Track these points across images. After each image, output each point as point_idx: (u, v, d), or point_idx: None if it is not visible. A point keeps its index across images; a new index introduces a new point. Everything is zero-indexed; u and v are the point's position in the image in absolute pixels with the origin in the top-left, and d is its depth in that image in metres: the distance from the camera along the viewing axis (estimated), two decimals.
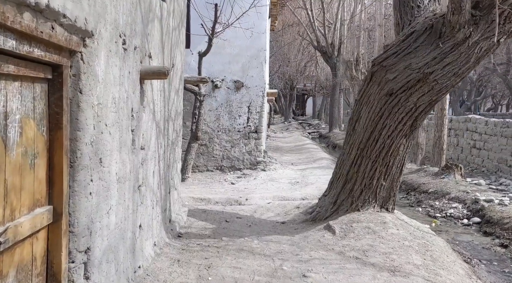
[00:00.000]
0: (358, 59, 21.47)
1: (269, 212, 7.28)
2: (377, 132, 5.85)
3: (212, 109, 11.37)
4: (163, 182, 5.52)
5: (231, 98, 11.37)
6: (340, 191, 6.18)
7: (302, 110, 53.66)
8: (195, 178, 10.61)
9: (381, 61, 5.88)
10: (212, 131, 11.40)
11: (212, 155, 11.41)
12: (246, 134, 11.44)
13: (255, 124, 11.44)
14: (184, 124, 11.35)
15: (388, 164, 5.94)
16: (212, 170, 11.42)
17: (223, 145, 11.41)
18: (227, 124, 11.40)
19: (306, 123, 38.68)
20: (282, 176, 10.72)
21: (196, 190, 9.30)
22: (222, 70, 11.34)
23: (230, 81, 11.36)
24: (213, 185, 9.97)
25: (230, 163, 11.44)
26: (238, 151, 11.44)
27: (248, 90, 11.39)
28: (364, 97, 6.07)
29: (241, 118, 11.42)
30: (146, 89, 4.51)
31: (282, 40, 32.33)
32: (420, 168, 11.47)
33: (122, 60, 3.67)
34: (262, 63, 11.40)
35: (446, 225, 7.73)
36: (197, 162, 11.37)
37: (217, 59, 11.26)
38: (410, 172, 11.46)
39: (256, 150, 11.47)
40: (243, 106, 11.40)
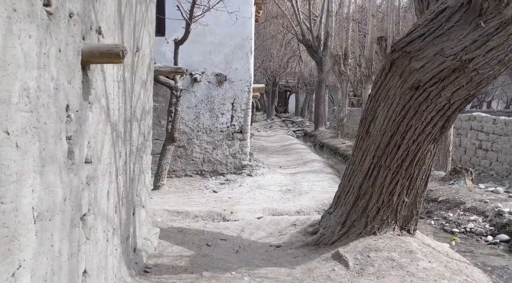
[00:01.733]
0: (347, 53, 20.33)
1: (260, 230, 6.00)
2: (399, 136, 4.63)
3: (191, 106, 10.02)
4: (124, 202, 4.18)
5: (212, 94, 10.05)
6: (350, 209, 4.94)
7: (284, 108, 52.48)
8: (171, 185, 9.27)
9: (404, 46, 4.65)
10: (191, 131, 10.06)
11: (191, 158, 10.08)
12: (229, 134, 10.14)
13: (240, 123, 10.15)
14: (158, 123, 9.99)
15: (412, 176, 4.72)
16: (191, 175, 10.09)
17: (203, 147, 10.09)
18: (208, 123, 10.08)
19: (289, 121, 37.51)
20: (271, 182, 9.46)
21: (172, 200, 7.97)
22: (202, 62, 10.00)
23: (211, 75, 10.04)
24: (192, 193, 8.65)
25: (211, 167, 10.13)
26: (220, 154, 10.13)
27: (232, 85, 10.08)
28: (381, 92, 4.84)
29: (224, 117, 10.11)
30: (94, 78, 3.17)
31: (265, 33, 31.05)
32: None
33: (44, 29, 2.34)
34: (247, 54, 10.10)
35: (467, 243, 6.58)
36: (174, 166, 10.02)
37: (196, 48, 9.93)
38: None
39: (241, 152, 10.18)
40: (226, 103, 10.10)
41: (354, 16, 20.09)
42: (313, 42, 24.60)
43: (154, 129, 10.13)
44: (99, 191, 3.39)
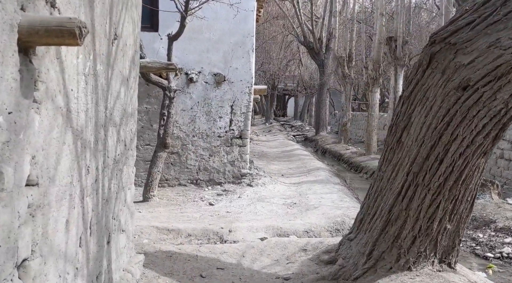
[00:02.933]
0: (351, 55, 19.46)
1: (264, 256, 5.07)
2: (442, 147, 3.71)
3: (186, 109, 9.10)
4: (94, 230, 3.25)
5: (209, 96, 9.13)
6: (378, 237, 4.01)
7: (283, 111, 51.62)
8: (163, 196, 8.33)
9: (447, 36, 3.75)
10: (186, 136, 9.13)
11: (186, 166, 9.14)
12: (228, 140, 9.21)
13: (240, 128, 9.23)
14: (150, 127, 9.08)
15: (456, 198, 3.81)
16: (186, 184, 9.16)
17: (199, 153, 9.16)
18: (204, 127, 9.15)
19: (288, 125, 36.61)
20: (273, 193, 8.53)
21: (162, 214, 7.03)
22: (199, 61, 9.09)
23: (208, 74, 9.12)
24: (186, 206, 7.71)
25: (208, 176, 9.19)
26: (218, 161, 9.20)
27: (231, 85, 9.17)
28: (418, 93, 3.93)
29: (222, 121, 9.19)
30: (43, 67, 2.24)
31: (264, 34, 30.19)
32: None
33: None
34: (248, 53, 9.19)
35: (506, 271, 5.66)
36: (167, 174, 9.09)
37: (193, 46, 9.02)
38: None
39: (241, 160, 9.25)
40: (224, 106, 9.18)
41: (359, 16, 19.23)
42: (315, 44, 23.74)
43: (145, 134, 9.23)
44: (52, 222, 2.45)
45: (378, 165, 4.41)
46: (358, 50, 22.07)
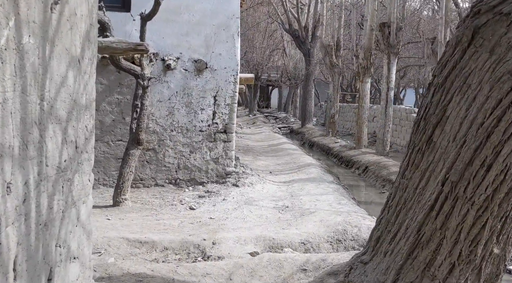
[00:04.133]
0: (339, 43, 18.61)
1: (255, 279, 4.17)
2: (490, 150, 2.84)
3: (163, 100, 8.11)
4: (21, 271, 2.30)
5: (190, 85, 8.16)
6: (403, 263, 3.15)
7: (267, 102, 50.66)
8: (137, 199, 7.37)
9: (497, 4, 2.87)
10: (163, 130, 8.15)
11: (163, 164, 8.18)
12: (211, 135, 8.27)
13: (224, 121, 8.28)
14: (122, 120, 8.07)
15: (507, 214, 2.96)
16: (163, 185, 8.20)
17: (178, 150, 8.20)
18: (184, 121, 8.19)
19: (272, 117, 35.69)
20: (262, 194, 7.64)
21: (135, 222, 6.08)
22: (177, 45, 8.09)
23: (188, 61, 8.14)
24: (163, 210, 6.77)
25: (188, 175, 8.25)
26: (200, 158, 8.26)
27: (214, 73, 8.20)
28: (456, 79, 3.05)
29: (204, 113, 8.23)
30: None
31: (247, 22, 29.14)
32: None
33: None
34: (233, 36, 8.22)
35: None
36: (142, 173, 8.11)
37: (170, 29, 8.02)
38: None
39: (225, 157, 8.32)
40: (207, 96, 8.22)
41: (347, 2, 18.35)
42: (301, 32, 22.83)
43: (117, 128, 8.22)
44: None
45: (400, 170, 3.53)
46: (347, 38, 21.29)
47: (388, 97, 13.03)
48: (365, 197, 9.30)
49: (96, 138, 7.97)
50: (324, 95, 36.86)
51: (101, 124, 7.94)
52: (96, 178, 8.01)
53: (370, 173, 11.15)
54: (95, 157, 8.20)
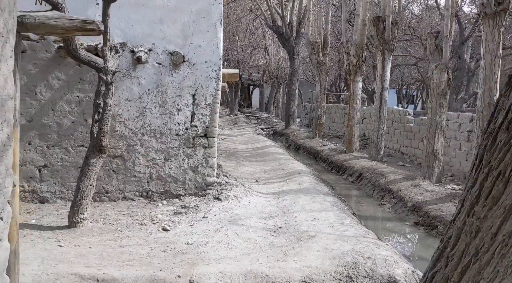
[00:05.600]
0: (326, 40, 17.61)
1: None
2: None
3: (132, 99, 6.91)
4: None
5: (164, 81, 6.98)
6: None
7: (248, 102, 49.49)
8: (99, 216, 6.15)
9: None
10: (132, 134, 6.95)
11: (133, 174, 6.98)
12: (189, 139, 7.10)
13: (205, 124, 7.13)
14: (85, 122, 6.84)
15: None
16: (133, 198, 6.99)
17: (151, 157, 7.01)
18: (158, 123, 7.00)
19: (254, 117, 34.52)
20: (249, 210, 6.51)
21: (93, 250, 4.88)
22: (150, 35, 6.90)
23: (162, 53, 6.95)
24: (130, 232, 5.57)
25: (162, 187, 7.06)
26: (176, 167, 7.08)
27: (192, 68, 7.04)
28: None
29: (181, 114, 7.06)
30: None
31: (229, 18, 27.99)
32: (450, 194, 7.70)
33: None
34: (215, 25, 7.07)
35: None
36: (108, 185, 6.90)
37: (141, 15, 6.83)
38: (437, 198, 7.67)
39: (206, 165, 7.17)
40: (184, 95, 7.05)
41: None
42: (285, 29, 21.79)
43: (77, 132, 6.97)
44: None
45: (462, 202, 2.44)
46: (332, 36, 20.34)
47: (382, 97, 12.05)
48: (364, 210, 8.26)
49: (53, 144, 6.71)
50: (307, 95, 35.93)
51: (58, 127, 6.69)
52: (53, 190, 6.76)
53: (365, 181, 10.13)
54: (51, 166, 6.85)
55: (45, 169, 6.70)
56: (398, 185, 8.84)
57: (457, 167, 10.67)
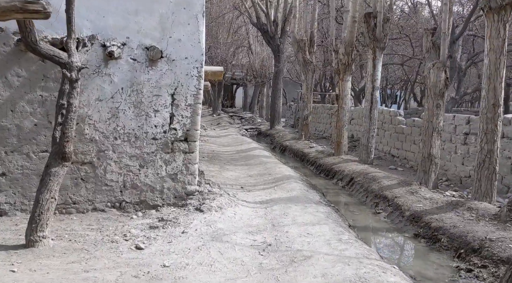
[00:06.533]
0: (313, 38, 17.02)
1: None
2: None
3: (103, 98, 6.17)
4: None
5: (140, 79, 6.26)
6: None
7: (231, 102, 48.71)
8: (64, 231, 5.41)
9: None
10: (104, 138, 6.21)
11: (104, 182, 6.24)
12: (167, 144, 6.40)
13: (185, 126, 6.43)
14: (49, 125, 6.01)
15: None
16: (104, 209, 6.26)
17: (124, 164, 6.29)
18: (132, 126, 6.28)
19: (238, 117, 33.78)
20: (234, 223, 5.83)
21: (51, 275, 4.16)
22: (123, 27, 6.17)
23: (138, 48, 6.24)
24: (98, 252, 4.85)
25: (137, 196, 6.35)
26: (152, 174, 6.37)
27: (171, 65, 6.34)
28: None
29: (159, 116, 6.35)
30: None
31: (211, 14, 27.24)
32: (451, 202, 7.14)
33: None
34: (197, 17, 6.38)
35: None
36: (75, 194, 6.15)
37: (114, 5, 6.11)
38: (437, 207, 7.11)
39: (186, 172, 6.47)
40: (162, 94, 6.35)
41: None
42: (270, 26, 21.17)
43: (41, 136, 6.14)
44: None
45: None
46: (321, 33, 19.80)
47: (373, 98, 11.49)
48: (358, 220, 7.65)
49: (12, 149, 5.93)
50: (292, 94, 35.36)
51: (18, 130, 5.92)
52: (12, 201, 5.98)
53: (357, 186, 9.54)
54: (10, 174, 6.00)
55: (3, 177, 5.92)
56: (393, 192, 8.26)
57: (452, 171, 10.16)
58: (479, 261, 5.30)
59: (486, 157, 6.94)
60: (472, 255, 5.46)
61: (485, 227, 5.93)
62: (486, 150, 6.93)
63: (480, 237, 5.65)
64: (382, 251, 6.04)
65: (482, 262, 5.24)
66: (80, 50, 5.40)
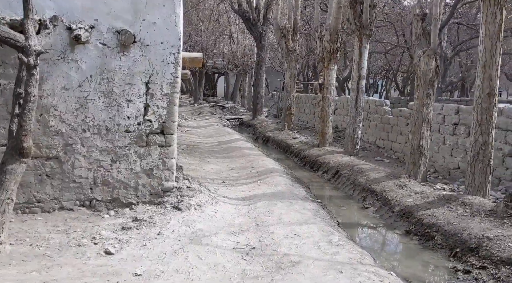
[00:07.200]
0: (296, 26, 16.53)
1: None
2: None
3: (70, 87, 5.62)
4: None
5: (111, 66, 5.71)
6: None
7: (212, 91, 47.95)
8: (25, 235, 4.88)
9: None
10: (71, 131, 5.67)
11: (72, 178, 5.71)
12: (142, 137, 5.88)
13: (161, 118, 5.92)
14: (8, 116, 5.49)
15: None
16: (72, 208, 5.74)
17: (95, 158, 5.76)
18: (103, 117, 5.75)
19: (219, 106, 33.13)
20: (215, 223, 5.38)
21: None
22: (91, 8, 5.60)
23: (108, 31, 5.68)
24: (63, 258, 4.35)
25: (109, 194, 5.83)
26: (126, 170, 5.86)
27: (145, 50, 5.80)
28: None
29: (132, 107, 5.83)
30: None
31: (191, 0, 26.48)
32: (443, 196, 6.80)
33: None
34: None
35: None
36: (40, 192, 5.62)
37: None
38: (428, 202, 6.77)
39: (163, 167, 5.98)
40: (136, 83, 5.82)
41: None
42: (252, 13, 20.59)
43: (0, 128, 5.66)
44: None
45: None
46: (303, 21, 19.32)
47: (359, 87, 11.10)
48: (346, 215, 7.27)
49: None
50: (274, 84, 34.88)
51: None
52: None
53: (343, 179, 9.16)
54: None
55: None
56: (381, 185, 7.91)
57: (440, 162, 9.87)
58: (477, 261, 4.96)
59: (481, 149, 6.60)
60: (469, 255, 5.12)
61: (481, 224, 5.59)
62: (481, 141, 6.60)
63: (477, 235, 5.32)
64: (373, 250, 5.66)
65: (480, 263, 4.90)
66: (41, 33, 4.84)
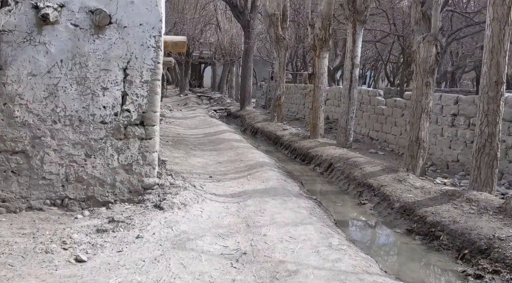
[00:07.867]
0: (285, 13, 15.97)
1: None
2: None
3: (38, 73, 5.02)
4: None
5: (84, 50, 5.12)
6: None
7: (199, 81, 47.16)
8: None
9: None
10: (40, 122, 5.08)
11: (42, 175, 5.14)
12: (119, 129, 5.32)
13: (141, 107, 5.36)
14: None
15: None
16: (42, 207, 5.18)
17: (67, 153, 5.19)
18: (76, 107, 5.17)
19: (206, 97, 32.47)
20: (201, 224, 4.86)
21: None
22: None
23: (80, 11, 5.08)
24: (26, 267, 3.80)
25: (84, 192, 5.27)
26: (102, 165, 5.30)
27: (123, 33, 5.22)
28: None
29: (108, 95, 5.25)
30: None
31: None
32: (446, 192, 6.36)
33: None
34: None
35: None
36: (5, 191, 5.04)
37: None
38: (430, 198, 6.33)
39: (144, 162, 5.43)
40: (112, 69, 5.23)
41: None
42: (239, 0, 19.96)
43: None
44: None
45: None
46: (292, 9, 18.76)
47: (352, 76, 10.63)
48: (342, 212, 6.80)
49: None
50: (262, 74, 34.28)
51: None
52: None
53: (337, 173, 8.70)
54: None
55: None
56: (378, 179, 7.46)
57: (438, 155, 9.46)
58: (489, 265, 4.53)
59: (487, 141, 6.17)
60: (480, 257, 4.69)
61: (490, 223, 5.17)
62: (487, 133, 6.16)
63: (487, 235, 4.89)
64: (374, 252, 5.20)
65: (493, 267, 4.47)
66: (0, 10, 4.24)
